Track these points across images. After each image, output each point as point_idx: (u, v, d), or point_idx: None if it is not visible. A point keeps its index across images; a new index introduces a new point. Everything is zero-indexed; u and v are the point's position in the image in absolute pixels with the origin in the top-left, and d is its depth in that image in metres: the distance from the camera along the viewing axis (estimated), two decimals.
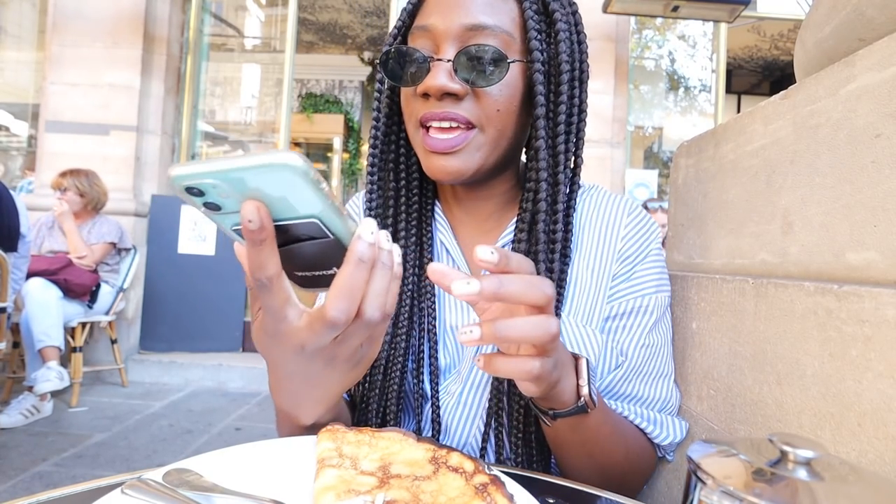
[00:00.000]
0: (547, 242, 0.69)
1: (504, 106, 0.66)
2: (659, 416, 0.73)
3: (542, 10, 0.68)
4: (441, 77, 0.63)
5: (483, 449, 0.70)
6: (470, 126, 0.65)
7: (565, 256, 0.70)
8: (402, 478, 0.46)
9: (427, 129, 0.66)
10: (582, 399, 0.57)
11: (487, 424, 0.70)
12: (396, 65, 0.66)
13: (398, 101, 0.75)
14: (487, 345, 0.58)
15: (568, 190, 0.71)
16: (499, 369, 0.48)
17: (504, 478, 0.46)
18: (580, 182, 0.75)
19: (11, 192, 2.77)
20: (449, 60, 0.64)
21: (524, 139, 0.73)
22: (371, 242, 0.42)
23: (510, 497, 0.43)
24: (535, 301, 0.45)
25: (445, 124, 0.65)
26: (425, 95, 0.65)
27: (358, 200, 0.84)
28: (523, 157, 0.76)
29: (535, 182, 0.68)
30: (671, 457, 0.77)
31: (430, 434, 0.72)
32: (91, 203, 3.57)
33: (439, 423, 0.72)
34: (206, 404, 3.61)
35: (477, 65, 0.63)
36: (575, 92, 0.69)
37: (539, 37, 0.66)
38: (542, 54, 0.66)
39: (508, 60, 0.64)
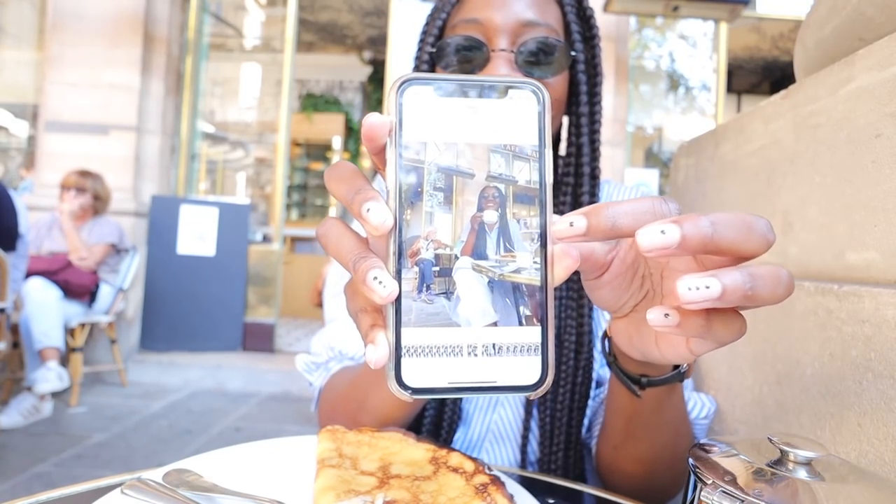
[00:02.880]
0: None
1: (556, 101, 0.69)
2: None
3: (581, 14, 0.72)
4: (503, 68, 0.64)
5: (525, 437, 0.70)
6: None
7: None
8: (402, 478, 0.46)
9: None
10: (685, 363, 0.45)
11: (528, 413, 0.70)
12: (449, 56, 0.67)
13: None
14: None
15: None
16: (722, 336, 0.31)
17: (504, 478, 0.46)
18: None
19: (11, 191, 2.77)
20: (512, 51, 0.65)
21: (559, 136, 0.77)
22: None
23: (510, 497, 0.43)
24: (754, 251, 0.30)
25: None
26: None
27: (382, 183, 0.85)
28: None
29: (577, 176, 0.72)
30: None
31: (444, 423, 0.72)
32: (100, 206, 3.59)
33: (460, 410, 0.71)
34: (205, 404, 3.61)
35: (539, 57, 0.65)
36: (601, 94, 0.75)
37: (580, 39, 0.70)
38: (583, 56, 0.71)
39: (571, 53, 0.68)
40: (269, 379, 4.05)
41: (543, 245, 0.31)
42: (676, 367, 0.46)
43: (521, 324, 0.31)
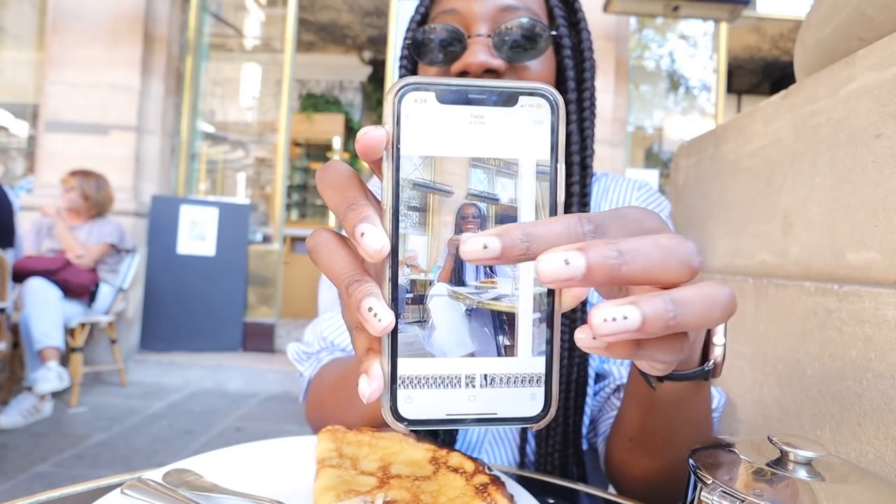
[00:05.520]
0: None
1: None
2: None
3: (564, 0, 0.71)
4: (481, 53, 0.63)
5: (524, 439, 0.69)
6: None
7: None
8: (402, 478, 0.46)
9: None
10: (711, 361, 0.41)
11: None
12: (427, 46, 0.66)
13: None
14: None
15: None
16: (659, 357, 0.28)
17: (504, 478, 0.46)
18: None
19: (7, 188, 2.76)
20: (488, 36, 0.64)
21: None
22: None
23: (510, 497, 0.43)
24: (672, 281, 0.27)
25: None
26: (462, 74, 0.65)
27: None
28: None
29: (567, 165, 0.70)
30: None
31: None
32: (95, 208, 3.57)
33: None
34: (205, 404, 3.61)
35: (517, 41, 0.64)
36: (593, 81, 0.72)
37: (564, 24, 0.69)
38: (569, 41, 0.69)
39: (551, 32, 0.66)
40: (269, 379, 4.05)
41: None
42: (701, 364, 0.41)
43: (525, 354, 0.29)
